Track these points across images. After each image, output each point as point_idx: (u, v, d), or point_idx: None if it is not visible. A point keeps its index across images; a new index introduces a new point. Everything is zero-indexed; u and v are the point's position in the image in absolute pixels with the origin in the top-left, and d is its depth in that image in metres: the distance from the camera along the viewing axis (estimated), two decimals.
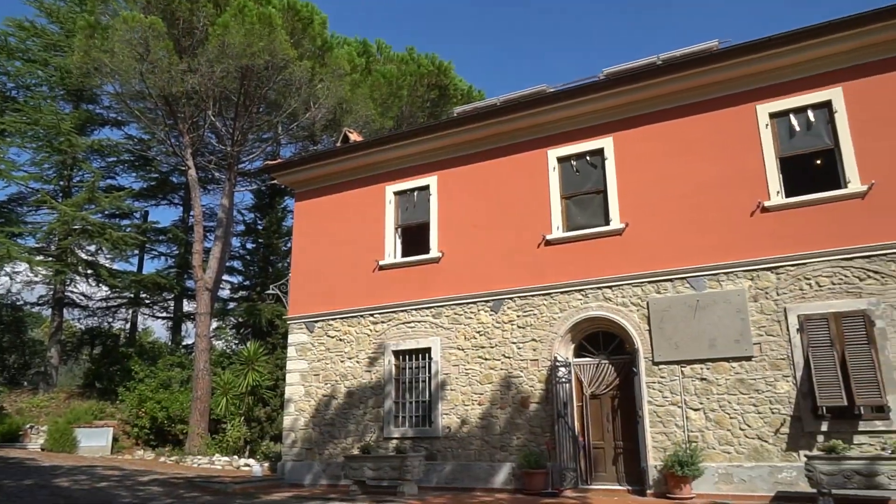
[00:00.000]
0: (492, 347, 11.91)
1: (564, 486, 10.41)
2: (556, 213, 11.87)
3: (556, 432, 10.79)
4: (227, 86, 19.44)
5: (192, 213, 24.18)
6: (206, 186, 26.94)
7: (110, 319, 28.40)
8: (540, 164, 12.22)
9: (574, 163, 11.98)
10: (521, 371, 11.54)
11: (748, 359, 9.86)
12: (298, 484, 12.93)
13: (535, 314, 11.65)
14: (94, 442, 17.65)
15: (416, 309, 12.83)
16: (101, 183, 25.80)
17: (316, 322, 13.91)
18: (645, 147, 11.34)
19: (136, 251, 27.59)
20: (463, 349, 12.21)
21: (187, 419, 18.61)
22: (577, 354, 11.49)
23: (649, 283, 10.82)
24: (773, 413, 9.56)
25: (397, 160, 13.68)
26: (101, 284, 25.91)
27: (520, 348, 11.65)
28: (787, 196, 10.19)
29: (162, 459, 17.37)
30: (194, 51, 19.14)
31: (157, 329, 49.82)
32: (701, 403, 10.05)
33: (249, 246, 29.15)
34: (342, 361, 13.40)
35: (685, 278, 10.57)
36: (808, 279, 9.77)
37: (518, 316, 11.80)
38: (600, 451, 10.90)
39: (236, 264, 28.70)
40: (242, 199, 33.51)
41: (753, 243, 10.18)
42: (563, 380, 11.00)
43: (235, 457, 16.96)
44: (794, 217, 9.99)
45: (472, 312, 12.27)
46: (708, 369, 10.11)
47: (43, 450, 17.23)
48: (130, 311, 28.83)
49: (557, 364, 11.02)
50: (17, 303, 26.52)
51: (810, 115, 10.24)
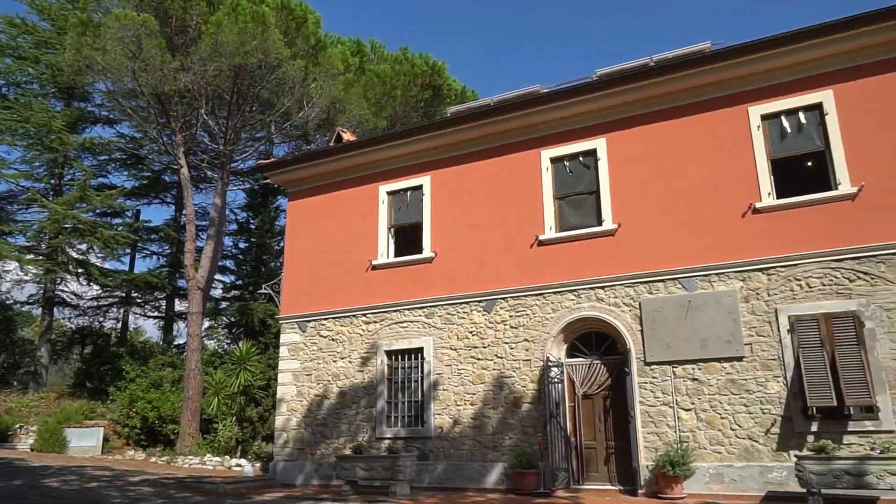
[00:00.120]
0: (484, 347, 11.92)
1: (556, 486, 10.44)
2: (549, 214, 11.88)
3: (549, 432, 10.81)
4: (219, 84, 19.37)
5: (184, 212, 24.07)
6: (198, 185, 26.81)
7: (101, 319, 28.31)
8: (533, 165, 12.24)
9: (567, 163, 12.01)
10: (514, 371, 11.55)
11: (739, 359, 9.91)
12: (290, 484, 12.89)
13: (527, 314, 11.66)
14: (85, 442, 17.55)
15: (408, 309, 12.82)
16: (93, 181, 25.66)
17: (308, 322, 13.88)
18: (638, 148, 11.38)
19: (128, 250, 27.45)
20: (455, 349, 12.21)
21: (178, 419, 18.53)
22: (570, 355, 11.51)
23: (641, 283, 10.85)
24: (763, 413, 9.61)
25: (391, 160, 13.67)
26: (91, 283, 25.79)
27: (512, 348, 11.66)
28: (779, 197, 10.25)
29: (153, 459, 17.28)
30: (187, 49, 19.06)
31: (149, 328, 49.67)
32: (692, 404, 10.09)
33: (242, 245, 29.16)
34: (334, 361, 13.37)
35: (677, 279, 10.61)
36: (799, 280, 9.83)
37: (511, 316, 11.81)
38: (592, 451, 10.92)
39: (229, 264, 28.70)
40: (235, 199, 33.52)
41: (745, 244, 10.23)
42: (556, 380, 11.02)
43: (227, 457, 16.88)
44: (785, 218, 10.05)
45: (464, 312, 12.27)
46: (699, 370, 10.15)
47: (32, 450, 17.13)
48: (121, 311, 28.72)
49: (550, 364, 11.04)
50: (7, 302, 26.39)
51: (801, 117, 10.30)
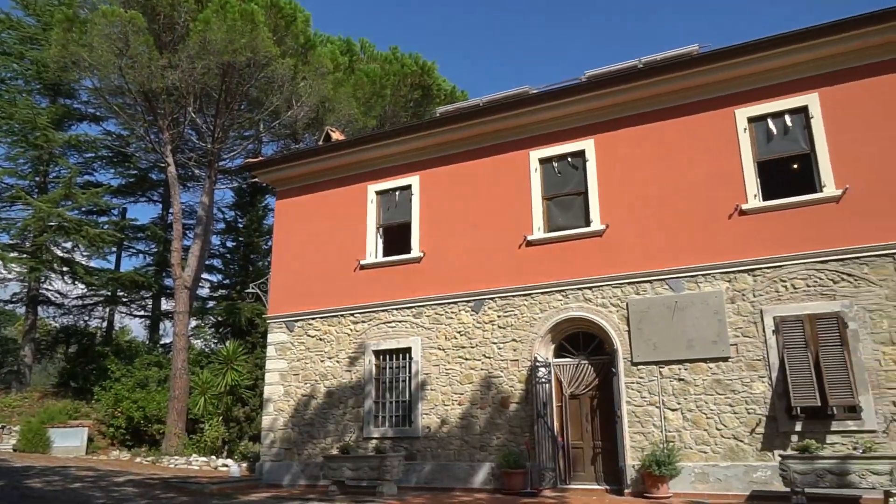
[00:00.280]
0: (472, 347, 11.92)
1: (543, 485, 10.47)
2: (538, 214, 11.92)
3: (536, 432, 10.83)
4: (207, 82, 19.24)
5: (171, 211, 23.88)
6: (185, 184, 26.60)
7: (86, 318, 27.98)
8: (522, 165, 12.26)
9: (556, 164, 12.04)
10: (502, 371, 11.56)
11: (725, 359, 9.99)
12: (277, 484, 12.83)
13: (515, 314, 11.68)
14: (69, 442, 17.35)
15: (396, 309, 12.80)
16: (79, 179, 25.34)
17: (296, 321, 13.82)
18: (626, 149, 11.44)
19: (114, 248, 27.18)
20: (443, 349, 12.21)
21: (164, 419, 18.37)
22: (557, 355, 11.55)
23: (629, 284, 10.91)
24: (748, 413, 9.69)
25: (380, 159, 13.65)
26: (77, 282, 25.51)
27: (500, 348, 11.68)
28: (765, 199, 10.35)
29: (138, 460, 17.13)
30: (175, 46, 18.93)
31: (135, 328, 49.16)
32: (678, 404, 10.15)
33: (229, 244, 28.95)
34: (322, 361, 13.33)
35: (664, 280, 10.67)
36: (784, 281, 9.92)
37: (499, 316, 11.83)
38: (579, 450, 10.96)
39: (216, 263, 28.49)
40: (223, 197, 33.14)
41: (731, 246, 10.31)
42: (543, 380, 11.04)
43: (213, 457, 16.78)
44: (770, 220, 10.15)
45: (453, 312, 12.27)
46: (686, 370, 10.22)
47: (15, 450, 16.93)
48: (107, 310, 28.41)
49: (537, 364, 11.07)
50: None
51: (787, 119, 10.40)
